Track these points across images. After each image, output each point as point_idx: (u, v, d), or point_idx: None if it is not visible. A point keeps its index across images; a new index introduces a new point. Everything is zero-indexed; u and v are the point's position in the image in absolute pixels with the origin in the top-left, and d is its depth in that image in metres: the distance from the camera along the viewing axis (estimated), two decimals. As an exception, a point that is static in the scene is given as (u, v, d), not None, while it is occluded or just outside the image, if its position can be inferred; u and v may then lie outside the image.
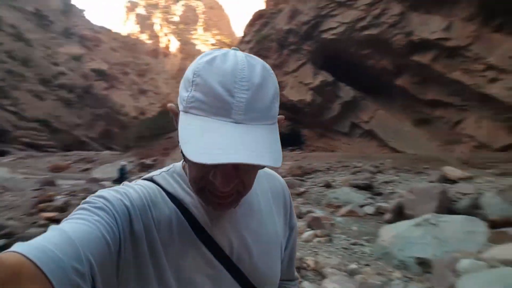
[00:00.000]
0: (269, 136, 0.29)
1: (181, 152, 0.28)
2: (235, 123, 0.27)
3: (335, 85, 11.88)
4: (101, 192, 0.35)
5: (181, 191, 0.37)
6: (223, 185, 0.30)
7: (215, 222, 0.37)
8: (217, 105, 0.27)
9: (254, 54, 0.32)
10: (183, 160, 0.37)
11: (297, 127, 12.75)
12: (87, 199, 0.33)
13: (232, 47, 0.32)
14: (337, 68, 11.77)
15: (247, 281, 0.38)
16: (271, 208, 0.44)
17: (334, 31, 11.45)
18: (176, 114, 0.33)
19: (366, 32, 10.84)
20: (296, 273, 0.54)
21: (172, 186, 0.38)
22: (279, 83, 0.32)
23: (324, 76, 11.93)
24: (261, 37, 13.27)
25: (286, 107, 12.13)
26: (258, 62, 0.30)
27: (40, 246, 0.25)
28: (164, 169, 0.41)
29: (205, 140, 0.26)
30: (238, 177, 0.31)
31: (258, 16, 13.48)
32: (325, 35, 11.74)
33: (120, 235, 0.31)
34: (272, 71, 0.31)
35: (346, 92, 11.75)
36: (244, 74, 0.28)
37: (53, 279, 0.23)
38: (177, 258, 0.35)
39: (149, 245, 0.33)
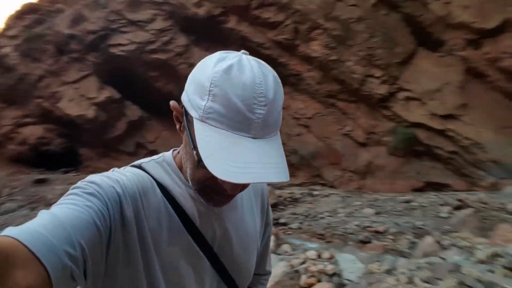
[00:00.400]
0: (279, 148, 0.36)
1: (197, 158, 0.36)
2: (254, 138, 0.33)
3: (122, 103, 14.51)
4: (92, 177, 0.41)
5: (171, 181, 0.46)
6: (233, 190, 0.38)
7: (202, 213, 0.45)
8: (238, 120, 0.33)
9: (22, 53, 0.83)
10: (172, 150, 0.48)
11: (74, 146, 14.00)
12: (78, 184, 0.39)
13: (242, 51, 0.39)
14: (125, 86, 14.44)
15: (225, 271, 0.48)
16: (252, 204, 0.54)
17: (124, 48, 14.11)
18: (181, 114, 0.41)
19: (155, 56, 14.31)
20: (268, 267, 0.64)
21: (162, 175, 0.46)
22: (54, 93, 0.93)
23: (110, 92, 14.20)
24: (33, 35, 13.71)
25: (61, 122, 13.26)
26: (270, 72, 0.36)
27: (32, 230, 0.30)
28: (154, 157, 0.49)
29: (228, 156, 0.32)
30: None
31: (29, 9, 13.91)
32: (113, 50, 14.15)
33: (110, 221, 0.37)
34: (280, 81, 0.37)
35: (133, 111, 14.66)
36: (262, 89, 0.33)
37: (46, 262, 0.28)
38: (164, 245, 0.43)
39: (139, 232, 0.40)
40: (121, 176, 0.42)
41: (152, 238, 0.41)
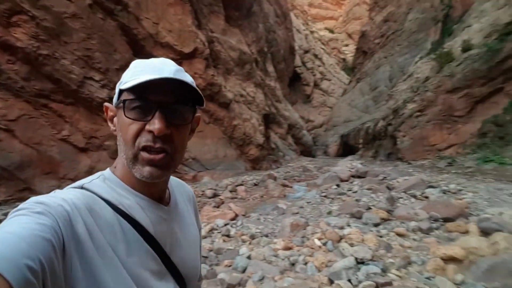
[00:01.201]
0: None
1: (116, 104, 0.76)
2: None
3: None
4: (37, 198, 0.60)
5: (117, 195, 0.73)
6: (160, 126, 0.67)
7: (153, 220, 0.76)
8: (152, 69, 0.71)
9: None
10: (109, 168, 0.82)
11: None
12: (22, 205, 0.57)
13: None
14: None
15: (179, 274, 0.80)
16: (189, 210, 0.97)
17: None
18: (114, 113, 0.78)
19: None
20: (200, 273, 0.99)
21: (107, 191, 0.72)
22: None
23: None
24: None
25: None
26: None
27: None
28: (93, 177, 0.77)
29: (140, 78, 0.68)
30: (170, 133, 0.70)
31: None
32: None
33: (63, 238, 0.55)
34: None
35: None
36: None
37: (10, 278, 0.41)
38: (124, 257, 0.66)
39: (96, 246, 0.61)
40: (67, 195, 0.63)
41: (113, 250, 0.63)
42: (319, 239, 4.79)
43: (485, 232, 4.42)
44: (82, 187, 0.72)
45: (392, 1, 40.36)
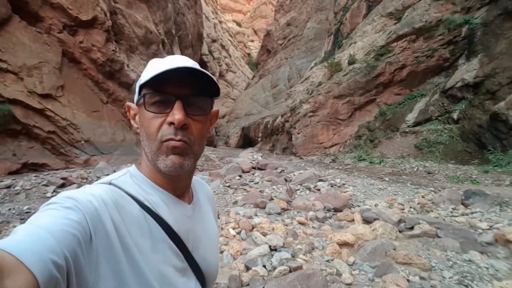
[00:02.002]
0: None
1: (137, 102, 0.79)
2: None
3: None
4: (67, 193, 0.62)
5: (143, 192, 0.75)
6: (179, 117, 0.70)
7: (177, 217, 0.79)
8: (169, 63, 0.71)
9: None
10: (134, 164, 0.82)
11: None
12: (53, 200, 0.60)
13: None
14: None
15: (200, 271, 0.82)
16: (209, 209, 0.99)
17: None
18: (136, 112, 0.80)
19: None
20: (218, 271, 0.99)
21: (134, 188, 0.75)
22: None
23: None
24: None
25: None
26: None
27: (18, 240, 0.45)
28: (120, 173, 0.79)
29: (158, 70, 0.69)
30: (188, 124, 0.73)
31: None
32: None
33: (90, 233, 0.57)
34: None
35: None
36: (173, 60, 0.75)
37: (34, 270, 0.42)
38: (149, 253, 0.67)
39: (122, 243, 0.63)
40: (96, 191, 0.65)
41: (137, 248, 0.64)
42: (233, 228, 4.99)
43: (367, 221, 5.37)
44: (110, 183, 0.73)
45: (295, 7, 43.48)
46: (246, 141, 34.86)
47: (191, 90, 0.74)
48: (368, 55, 19.13)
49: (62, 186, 11.06)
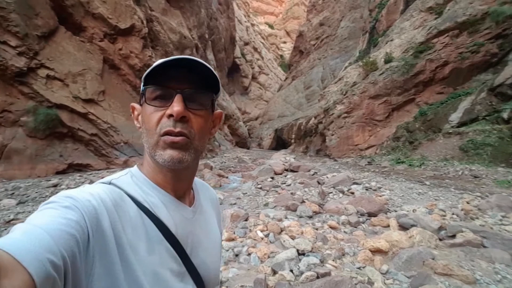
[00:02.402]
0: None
1: (140, 101, 0.78)
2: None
3: None
4: (66, 192, 0.61)
5: (142, 192, 0.74)
6: (178, 108, 0.69)
7: (176, 219, 0.77)
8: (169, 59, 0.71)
9: None
10: (137, 165, 0.81)
11: None
12: (52, 199, 0.59)
13: None
14: None
15: (198, 276, 0.79)
16: (212, 213, 0.97)
17: None
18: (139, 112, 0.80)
19: None
20: (219, 277, 0.95)
21: (134, 188, 0.74)
22: None
23: None
24: None
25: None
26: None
27: (15, 239, 0.45)
28: (121, 173, 0.79)
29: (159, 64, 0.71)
30: (188, 117, 0.72)
31: None
32: None
33: (88, 233, 0.56)
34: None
35: None
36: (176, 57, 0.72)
37: (31, 270, 0.42)
38: (145, 255, 0.66)
39: (117, 244, 0.62)
40: (95, 190, 0.65)
41: (131, 248, 0.63)
42: (262, 230, 4.93)
43: (403, 227, 5.06)
44: (110, 183, 0.73)
45: (328, 7, 42.70)
46: (279, 143, 34.73)
47: (192, 85, 0.74)
48: (406, 53, 18.25)
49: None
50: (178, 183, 0.80)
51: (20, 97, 11.80)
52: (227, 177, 13.95)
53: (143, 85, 0.75)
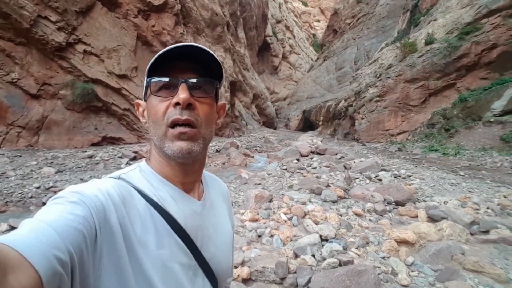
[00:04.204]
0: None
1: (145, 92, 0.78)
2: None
3: None
4: (74, 187, 0.61)
5: (151, 187, 0.74)
6: (184, 95, 0.70)
7: (186, 213, 0.77)
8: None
9: None
10: (146, 158, 0.82)
11: None
12: (60, 194, 0.59)
13: None
14: None
15: (210, 269, 0.79)
16: (223, 206, 0.97)
17: None
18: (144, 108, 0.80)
19: None
20: (232, 271, 0.96)
21: (143, 183, 0.74)
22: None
23: None
24: None
25: None
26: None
27: (22, 236, 0.45)
28: (130, 168, 0.79)
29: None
30: (194, 105, 0.72)
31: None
32: None
33: (96, 229, 0.57)
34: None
35: None
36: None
37: (37, 266, 0.42)
38: (154, 249, 0.66)
39: (125, 239, 0.62)
40: (103, 185, 0.65)
41: (140, 243, 0.64)
42: (285, 213, 4.94)
43: (433, 219, 4.87)
44: (119, 178, 0.73)
45: (367, -17, 40.27)
46: (307, 125, 34.26)
47: (195, 74, 0.75)
48: (450, 34, 16.98)
49: (134, 158, 12.23)
50: (186, 176, 0.80)
51: (59, 71, 12.32)
52: (252, 157, 14.03)
53: (147, 77, 0.75)
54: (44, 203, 7.19)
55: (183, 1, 17.20)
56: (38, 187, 8.12)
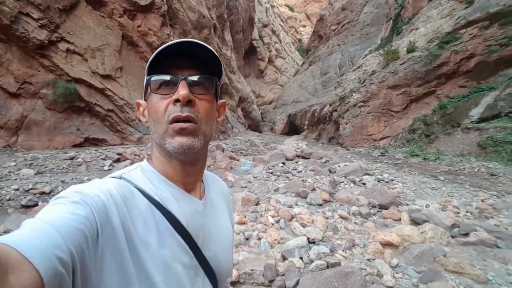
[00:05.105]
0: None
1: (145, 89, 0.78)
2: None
3: None
4: (76, 187, 0.61)
5: (153, 186, 0.75)
6: (184, 92, 0.70)
7: (187, 212, 0.77)
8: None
9: None
10: (148, 158, 0.82)
11: None
12: (61, 194, 0.59)
13: None
14: None
15: (210, 269, 0.80)
16: (223, 206, 0.97)
17: None
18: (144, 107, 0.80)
19: None
20: (231, 270, 0.96)
21: (145, 183, 0.74)
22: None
23: None
24: None
25: None
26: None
27: (23, 236, 0.45)
28: (131, 167, 0.79)
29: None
30: (194, 102, 0.73)
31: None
32: None
33: (97, 228, 0.56)
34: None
35: None
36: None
37: (38, 267, 0.42)
38: (156, 249, 0.66)
39: (127, 239, 0.62)
40: (105, 185, 0.65)
41: (142, 243, 0.64)
42: (273, 216, 4.96)
43: (415, 222, 5.01)
44: (121, 177, 0.73)
45: (352, -10, 41.15)
46: (292, 129, 34.53)
47: (195, 71, 0.75)
48: (430, 43, 17.57)
49: (117, 161, 11.94)
50: (188, 176, 0.81)
51: (41, 70, 11.98)
52: (238, 160, 14.02)
53: (147, 75, 0.76)
54: (23, 205, 6.98)
55: (170, 2, 17.08)
56: (17, 189, 7.85)
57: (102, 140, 13.66)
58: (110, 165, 11.49)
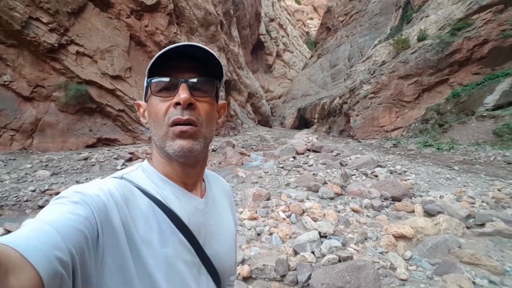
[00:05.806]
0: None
1: (146, 91, 0.78)
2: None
3: None
4: (76, 187, 0.61)
5: (154, 185, 0.75)
6: (185, 95, 0.70)
7: (189, 211, 0.77)
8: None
9: None
10: (148, 158, 0.82)
11: None
12: (62, 194, 0.59)
13: None
14: None
15: (213, 267, 0.80)
16: (225, 204, 0.96)
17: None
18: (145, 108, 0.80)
19: None
20: (236, 269, 1.01)
21: (146, 182, 0.74)
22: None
23: None
24: None
25: None
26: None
27: (23, 236, 0.45)
28: (132, 167, 0.79)
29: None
30: (194, 104, 0.73)
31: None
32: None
33: (97, 229, 0.57)
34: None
35: None
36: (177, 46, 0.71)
37: (38, 267, 0.42)
38: (158, 248, 0.66)
39: (128, 238, 0.62)
40: (105, 185, 0.65)
41: (143, 242, 0.64)
42: (284, 211, 4.96)
43: (429, 213, 4.93)
44: (122, 177, 0.73)
45: (360, -20, 40.36)
46: (302, 122, 34.34)
47: (195, 73, 0.75)
48: (442, 30, 17.11)
49: (130, 160, 12.15)
50: (188, 177, 0.81)
51: (52, 73, 12.21)
52: (249, 155, 14.04)
53: (148, 78, 0.76)
54: (40, 206, 7.13)
55: (176, 0, 17.11)
56: (34, 190, 8.03)
57: (114, 140, 13.87)
58: (123, 164, 11.67)
